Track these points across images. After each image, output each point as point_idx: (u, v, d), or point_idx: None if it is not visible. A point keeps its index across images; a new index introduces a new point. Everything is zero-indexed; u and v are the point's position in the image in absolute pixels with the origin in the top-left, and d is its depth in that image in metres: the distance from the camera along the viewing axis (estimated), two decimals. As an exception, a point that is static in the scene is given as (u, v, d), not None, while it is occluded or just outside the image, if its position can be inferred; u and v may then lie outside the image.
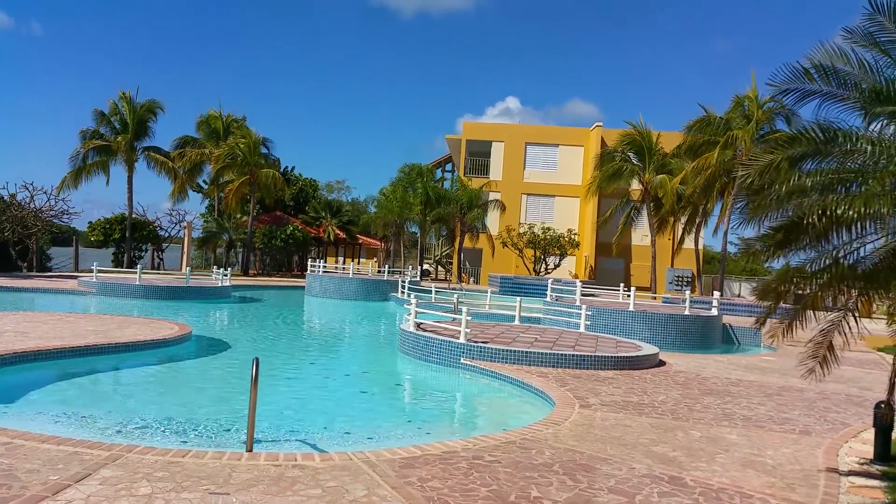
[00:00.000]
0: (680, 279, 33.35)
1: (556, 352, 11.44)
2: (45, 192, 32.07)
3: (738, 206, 6.57)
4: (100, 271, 23.57)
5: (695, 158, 28.81)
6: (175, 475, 5.37)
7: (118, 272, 28.31)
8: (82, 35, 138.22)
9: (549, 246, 37.75)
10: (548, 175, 41.87)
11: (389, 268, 30.65)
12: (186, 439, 7.18)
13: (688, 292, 19.03)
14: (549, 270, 38.59)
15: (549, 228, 38.39)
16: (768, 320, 6.69)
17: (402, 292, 25.52)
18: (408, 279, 27.35)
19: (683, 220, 32.94)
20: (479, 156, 42.84)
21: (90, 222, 36.75)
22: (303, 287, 29.25)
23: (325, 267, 29.66)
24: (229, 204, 37.45)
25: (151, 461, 5.64)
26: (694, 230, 32.89)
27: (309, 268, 29.25)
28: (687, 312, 17.26)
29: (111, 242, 36.77)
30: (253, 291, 28.13)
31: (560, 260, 38.67)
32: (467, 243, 39.87)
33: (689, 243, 35.37)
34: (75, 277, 25.48)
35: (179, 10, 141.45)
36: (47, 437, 6.08)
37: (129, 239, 35.23)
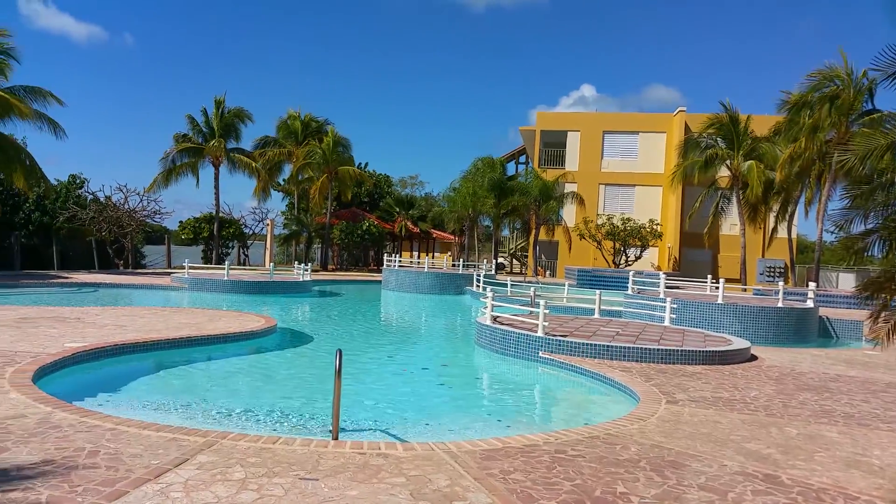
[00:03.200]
0: (772, 270, 31.95)
1: (640, 346, 11.18)
2: (138, 194, 34.04)
3: (838, 193, 6.18)
4: (191, 268, 24.75)
5: (788, 142, 27.42)
6: (266, 461, 5.59)
7: (207, 268, 29.63)
8: (169, 44, 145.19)
9: (630, 237, 36.89)
10: (627, 164, 40.90)
11: (463, 262, 30.76)
12: (274, 426, 7.45)
13: (781, 283, 18.19)
14: (630, 263, 37.72)
15: (628, 219, 37.52)
16: (878, 315, 6.25)
17: (477, 286, 25.56)
18: (482, 273, 27.34)
19: (776, 207, 31.46)
20: (554, 146, 42.32)
21: (180, 221, 38.77)
22: (379, 281, 29.75)
23: (400, 261, 30.08)
24: (314, 201, 38.63)
25: (244, 447, 5.88)
26: (787, 218, 31.34)
27: (385, 262, 29.71)
28: (780, 305, 16.51)
29: (200, 240, 38.57)
30: (332, 286, 28.83)
31: (641, 252, 37.74)
32: (542, 236, 39.51)
33: (781, 232, 33.73)
34: (168, 274, 26.86)
35: (255, 16, 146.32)
36: (148, 424, 6.44)
37: (217, 237, 36.86)
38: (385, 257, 30.34)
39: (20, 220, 31.77)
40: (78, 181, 35.57)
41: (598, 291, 16.22)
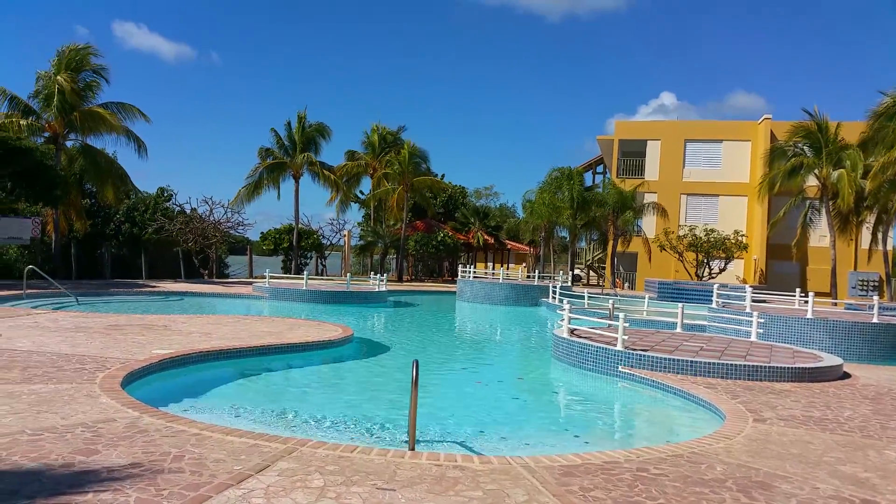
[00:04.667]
0: (865, 283, 30.16)
1: (726, 361, 10.75)
2: (222, 206, 35.54)
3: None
4: (271, 277, 25.56)
5: (882, 150, 25.90)
6: (345, 469, 5.65)
7: (287, 278, 30.58)
8: (254, 62, 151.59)
9: (713, 249, 35.67)
10: (710, 173, 39.61)
11: (539, 273, 30.46)
12: (352, 435, 7.55)
13: (875, 298, 17.13)
14: (713, 275, 36.48)
15: (712, 230, 36.31)
16: None
17: (554, 297, 25.29)
18: (559, 284, 27.06)
19: (870, 218, 29.80)
20: (632, 156, 41.46)
21: (262, 233, 40.25)
22: (454, 292, 29.87)
23: (475, 272, 30.11)
24: (390, 212, 39.35)
25: (323, 455, 5.97)
26: (881, 229, 29.59)
27: (459, 273, 29.81)
28: (875, 320, 15.54)
29: (280, 251, 39.89)
30: (407, 296, 29.13)
31: (725, 264, 36.42)
32: (620, 247, 38.68)
33: (874, 244, 31.83)
34: (250, 283, 27.86)
35: (332, 29, 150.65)
36: (230, 430, 6.63)
37: (296, 247, 38.01)
38: (459, 268, 30.43)
39: (111, 230, 33.68)
40: (166, 194, 37.47)
41: (680, 305, 15.74)
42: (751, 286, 22.41)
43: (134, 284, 26.11)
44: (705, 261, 36.57)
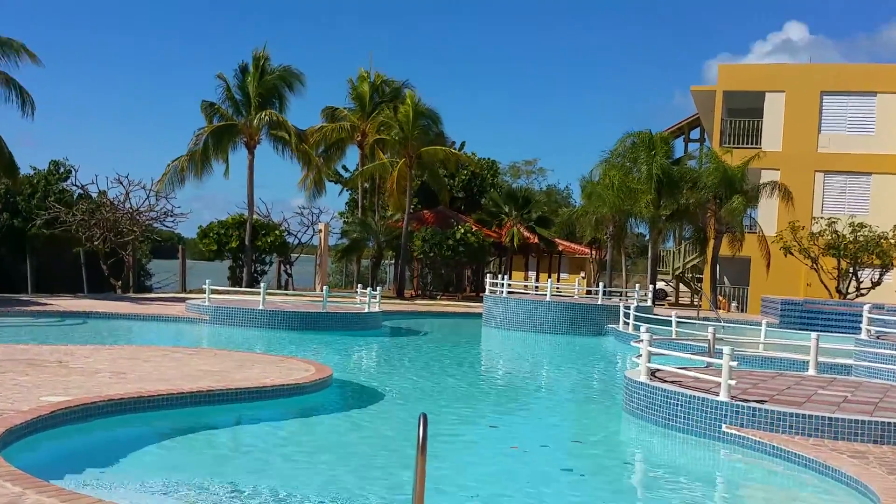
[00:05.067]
0: None
1: (882, 419, 10.67)
2: (143, 188, 35.83)
3: None
4: (214, 292, 25.72)
5: None
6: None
7: (237, 293, 30.72)
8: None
9: (863, 252, 35.36)
10: (859, 141, 39.31)
11: (605, 287, 30.39)
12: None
13: None
14: (863, 291, 36.16)
15: (861, 225, 35.99)
16: None
17: (626, 323, 25.28)
18: (634, 303, 26.98)
19: None
20: (743, 115, 41.30)
21: (200, 227, 40.42)
22: (479, 314, 29.92)
23: (509, 285, 30.14)
24: (387, 196, 39.48)
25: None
26: None
27: (487, 286, 29.86)
28: None
29: (226, 253, 40.16)
30: (410, 320, 29.24)
31: (881, 274, 36.06)
32: (725, 250, 38.48)
33: None
34: (182, 300, 28.07)
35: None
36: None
37: (250, 248, 38.25)
38: (488, 279, 30.44)
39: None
40: (62, 170, 37.87)
41: (813, 335, 15.64)
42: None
43: (15, 301, 26.33)
44: (851, 270, 36.22)
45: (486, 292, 29.41)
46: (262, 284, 25.25)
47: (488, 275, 33.62)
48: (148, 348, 16.10)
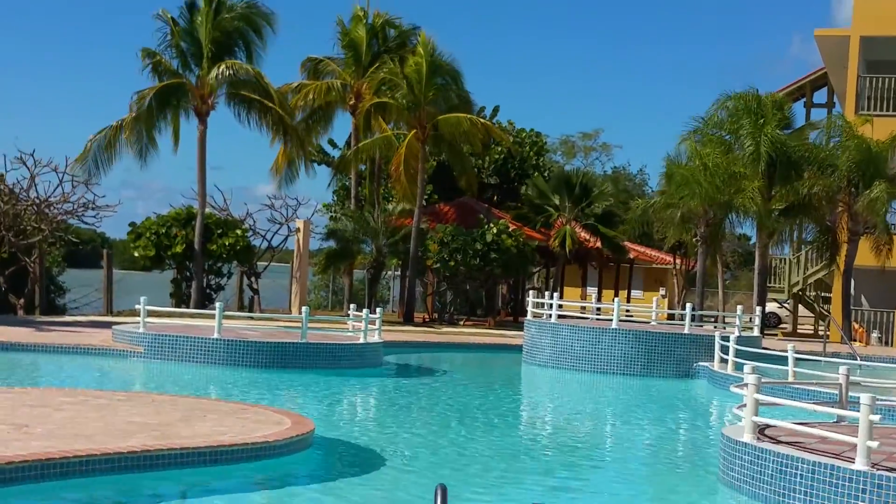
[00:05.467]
0: None
1: None
2: (54, 170, 35.85)
3: None
4: (151, 314, 25.70)
5: None
6: None
7: (183, 315, 30.70)
8: None
9: None
10: None
11: (693, 308, 30.19)
12: None
13: None
14: None
15: None
16: None
17: (724, 360, 25.14)
18: (735, 332, 26.78)
19: None
20: (889, 70, 41.04)
21: (132, 225, 40.53)
22: (518, 347, 29.84)
23: (560, 306, 29.98)
24: (392, 182, 39.39)
25: None
26: None
27: (530, 308, 29.75)
28: None
29: (168, 261, 40.20)
30: (422, 354, 29.32)
31: None
32: (864, 259, 38.25)
33: None
34: (108, 325, 28.06)
35: None
36: None
37: (201, 254, 38.32)
38: (530, 297, 30.35)
39: None
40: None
41: None
42: None
43: None
44: None
45: (528, 316, 29.30)
46: (217, 304, 25.20)
47: (531, 292, 33.36)
48: (60, 391, 16.08)
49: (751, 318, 31.89)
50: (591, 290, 51.26)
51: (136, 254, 40.25)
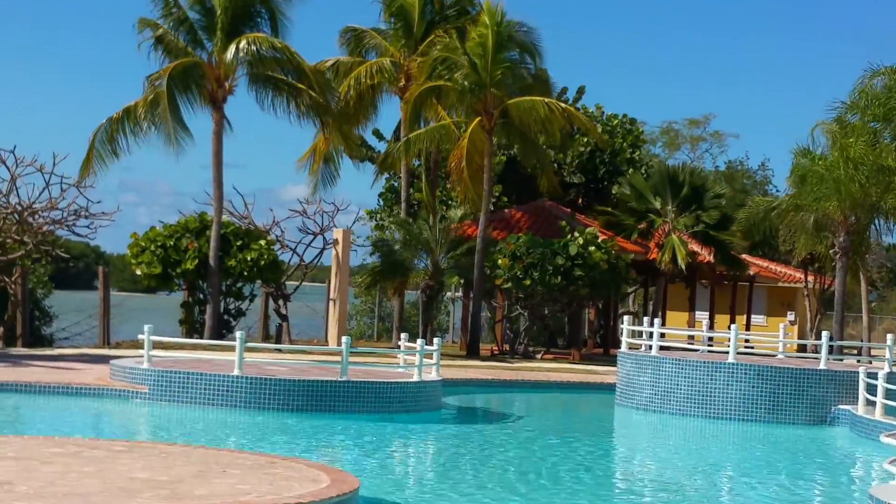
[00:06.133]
0: None
1: None
2: (39, 170, 36.11)
3: None
4: (157, 346, 25.82)
5: None
6: None
7: (196, 348, 30.83)
8: None
9: None
10: None
11: (831, 338, 29.93)
12: None
13: None
14: None
15: None
16: None
17: (871, 402, 24.85)
18: (885, 368, 26.44)
19: None
20: None
21: (134, 236, 40.61)
22: (610, 385, 29.72)
23: (663, 335, 29.84)
24: (453, 182, 39.31)
25: None
26: None
27: (624, 337, 29.59)
28: None
29: (178, 280, 40.37)
30: (490, 394, 29.30)
31: None
32: None
33: None
34: (104, 359, 28.23)
35: None
36: None
37: (217, 271, 38.45)
38: (625, 324, 30.22)
39: None
40: None
41: None
42: None
43: None
44: None
45: (622, 347, 29.18)
46: (237, 334, 25.30)
47: (625, 317, 33.32)
48: (48, 441, 16.13)
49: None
50: (702, 315, 50.78)
51: (138, 272, 40.36)
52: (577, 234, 39.98)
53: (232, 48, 37.25)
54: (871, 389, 24.99)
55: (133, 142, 38.18)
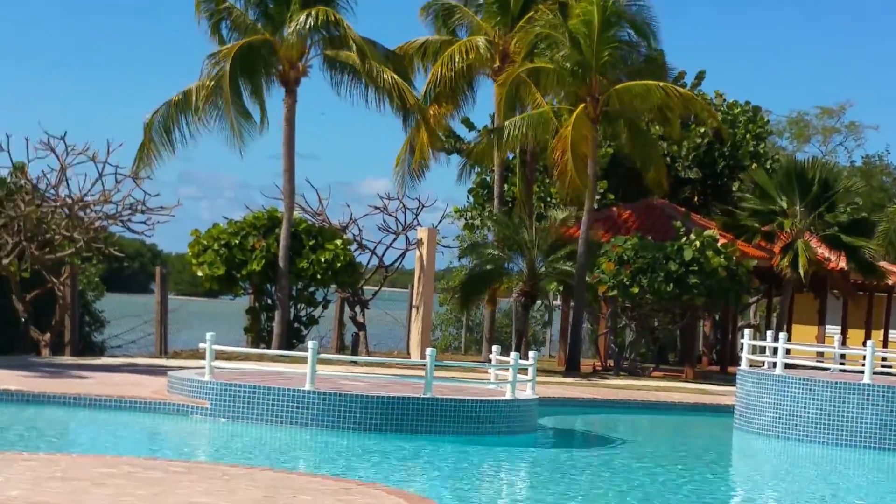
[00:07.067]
0: None
1: None
2: (91, 159, 36.04)
3: None
4: (220, 356, 25.95)
5: None
6: None
7: (262, 359, 30.99)
8: None
9: None
10: None
11: None
12: None
13: None
14: None
15: None
16: None
17: None
18: None
19: None
20: None
21: (195, 233, 40.93)
22: (727, 407, 29.56)
23: (787, 351, 29.60)
24: (562, 176, 39.23)
25: None
26: None
27: (745, 353, 29.39)
28: None
29: (244, 282, 40.56)
30: (591, 415, 29.41)
31: None
32: None
33: None
34: (161, 370, 28.52)
35: None
36: None
37: (287, 274, 38.59)
38: (745, 338, 29.98)
39: None
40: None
41: None
42: None
43: None
44: None
45: (743, 365, 28.93)
46: (309, 344, 25.38)
47: (746, 331, 32.92)
48: (98, 460, 16.26)
49: None
50: (833, 330, 50.32)
51: (199, 273, 40.64)
52: (692, 236, 39.80)
53: (305, 23, 37.31)
54: None
55: (194, 129, 38.42)
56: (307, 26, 37.29)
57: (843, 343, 41.85)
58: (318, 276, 39.88)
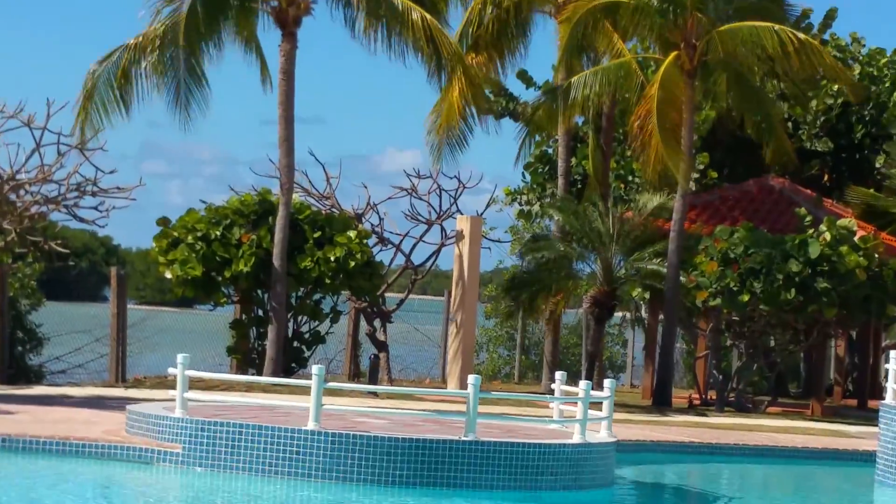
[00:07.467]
0: None
1: None
2: (26, 124, 36.06)
3: None
4: (195, 384, 26.08)
5: None
6: None
7: (251, 388, 31.13)
8: None
9: None
10: None
11: None
12: None
13: None
14: None
15: None
16: None
17: None
18: None
19: None
20: None
21: (164, 222, 41.00)
22: (868, 454, 29.51)
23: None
24: (646, 148, 39.17)
25: None
26: None
27: (889, 384, 29.35)
28: None
29: (227, 286, 40.68)
30: (687, 463, 29.43)
31: None
32: None
33: None
34: (119, 402, 28.65)
35: None
36: None
37: (285, 276, 38.65)
38: (891, 362, 29.99)
39: None
40: None
41: None
42: None
43: None
44: None
45: (888, 398, 28.79)
46: (314, 369, 25.42)
47: (892, 353, 32.73)
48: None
49: None
50: None
51: (168, 275, 40.56)
52: (821, 227, 39.68)
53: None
54: None
55: (153, 84, 38.27)
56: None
57: None
58: (326, 281, 39.87)
